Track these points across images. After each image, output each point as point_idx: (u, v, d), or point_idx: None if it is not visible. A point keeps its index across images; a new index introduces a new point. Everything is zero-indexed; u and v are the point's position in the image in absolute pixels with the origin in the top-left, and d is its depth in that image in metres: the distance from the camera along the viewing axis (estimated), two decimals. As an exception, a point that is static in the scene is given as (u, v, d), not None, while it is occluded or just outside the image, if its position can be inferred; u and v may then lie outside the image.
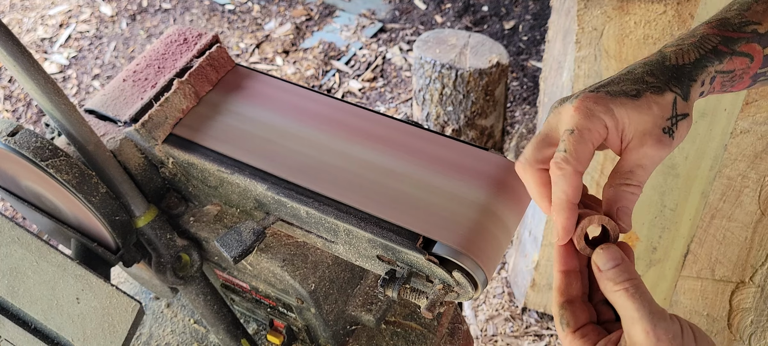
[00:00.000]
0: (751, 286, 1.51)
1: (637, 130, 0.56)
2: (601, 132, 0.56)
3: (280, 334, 1.01)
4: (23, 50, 0.69)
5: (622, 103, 0.56)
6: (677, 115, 0.57)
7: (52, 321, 0.77)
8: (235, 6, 3.34)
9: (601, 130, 0.56)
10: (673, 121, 0.57)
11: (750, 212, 1.40)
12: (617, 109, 0.56)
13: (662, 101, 0.56)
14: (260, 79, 0.91)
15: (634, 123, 0.56)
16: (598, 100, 0.56)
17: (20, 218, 2.34)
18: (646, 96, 0.56)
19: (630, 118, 0.56)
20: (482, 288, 0.74)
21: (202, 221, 0.89)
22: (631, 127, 0.56)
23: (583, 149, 0.56)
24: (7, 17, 3.37)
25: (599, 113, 0.56)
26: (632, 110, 0.56)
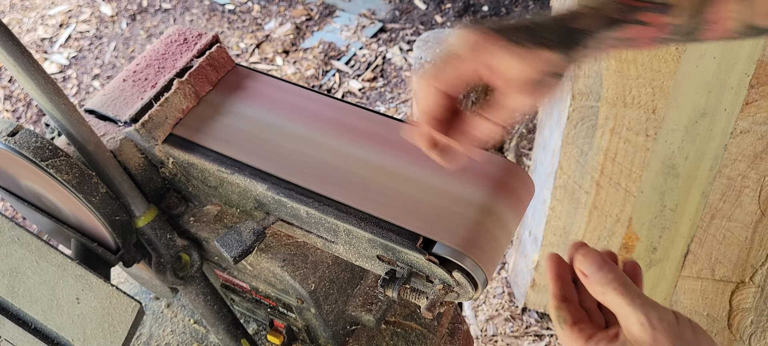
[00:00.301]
0: (751, 286, 1.51)
1: (514, 76, 0.60)
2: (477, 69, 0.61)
3: (280, 334, 1.01)
4: (23, 50, 0.69)
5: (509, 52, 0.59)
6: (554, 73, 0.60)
7: (52, 321, 0.77)
8: (235, 6, 3.34)
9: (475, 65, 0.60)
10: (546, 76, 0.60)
11: (750, 212, 1.40)
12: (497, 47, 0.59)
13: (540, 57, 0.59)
14: (260, 80, 0.91)
15: (513, 70, 0.59)
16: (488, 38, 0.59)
17: (20, 218, 2.34)
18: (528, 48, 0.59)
19: (511, 65, 0.59)
20: (482, 288, 0.74)
21: (202, 221, 0.89)
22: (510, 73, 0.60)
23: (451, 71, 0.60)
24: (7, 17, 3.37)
25: (481, 51, 0.59)
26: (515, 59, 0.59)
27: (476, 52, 0.59)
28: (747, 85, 1.10)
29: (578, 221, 1.67)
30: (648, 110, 1.38)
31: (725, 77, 1.10)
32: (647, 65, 1.32)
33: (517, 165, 0.80)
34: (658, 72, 1.32)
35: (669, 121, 1.18)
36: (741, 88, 1.10)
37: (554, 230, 1.73)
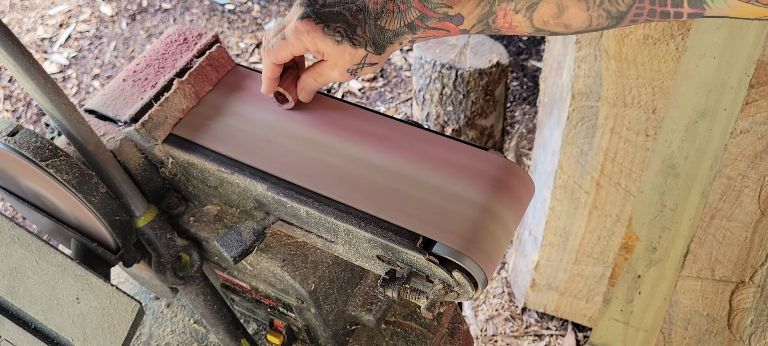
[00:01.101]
0: (751, 286, 1.51)
1: (332, 59, 0.77)
2: (303, 50, 0.78)
3: (280, 334, 1.01)
4: (23, 50, 0.69)
5: (325, 42, 0.75)
6: (365, 64, 0.77)
7: (52, 321, 0.77)
8: (235, 6, 3.34)
9: (302, 48, 0.77)
10: (360, 66, 0.77)
11: (750, 211, 1.40)
12: (321, 42, 0.75)
13: (356, 53, 0.75)
14: (260, 80, 0.91)
15: (330, 56, 0.76)
16: (311, 31, 0.74)
17: (20, 218, 2.34)
18: (345, 45, 0.75)
19: (328, 53, 0.76)
20: (482, 288, 0.74)
21: (202, 221, 0.89)
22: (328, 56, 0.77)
23: (283, 54, 0.78)
24: (7, 17, 3.37)
25: (306, 40, 0.75)
26: (332, 49, 0.75)
27: (302, 40, 0.75)
28: (747, 85, 1.10)
29: (578, 221, 1.67)
30: (648, 110, 1.38)
31: (725, 77, 1.10)
32: (647, 65, 1.32)
33: (517, 165, 0.80)
34: (658, 72, 1.32)
35: (669, 121, 1.18)
36: (741, 88, 1.10)
37: (554, 230, 1.73)
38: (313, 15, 0.75)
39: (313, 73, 0.81)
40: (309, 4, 0.75)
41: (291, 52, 0.78)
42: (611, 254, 1.69)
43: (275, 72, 0.82)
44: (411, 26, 0.73)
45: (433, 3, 0.71)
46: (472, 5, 0.69)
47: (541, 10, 0.66)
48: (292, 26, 0.76)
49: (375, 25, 0.74)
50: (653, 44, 1.28)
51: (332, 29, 0.74)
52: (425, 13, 0.71)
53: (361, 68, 0.77)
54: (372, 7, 0.74)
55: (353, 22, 0.74)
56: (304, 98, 0.85)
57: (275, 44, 0.78)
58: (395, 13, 0.73)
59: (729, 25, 1.06)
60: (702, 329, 1.69)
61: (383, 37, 0.75)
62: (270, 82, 0.83)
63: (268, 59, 0.80)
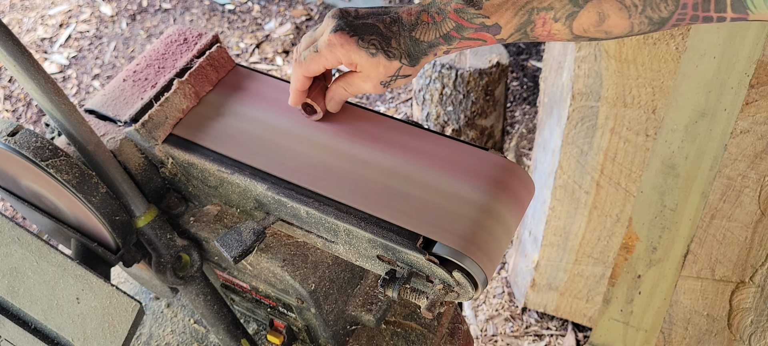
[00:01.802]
0: (751, 286, 1.51)
1: (365, 71, 0.75)
2: (336, 63, 0.76)
3: (280, 334, 1.01)
4: (23, 50, 0.69)
5: (359, 55, 0.74)
6: (398, 76, 0.76)
7: (52, 321, 0.77)
8: (235, 6, 3.34)
9: (335, 61, 0.76)
10: (393, 78, 0.76)
11: (750, 212, 1.40)
12: (355, 55, 0.74)
13: (390, 65, 0.74)
14: (260, 80, 0.92)
15: (364, 68, 0.75)
16: (345, 44, 0.73)
17: (20, 218, 2.34)
18: (379, 57, 0.73)
19: (363, 65, 0.75)
20: (482, 288, 0.74)
21: (202, 221, 0.89)
22: (362, 68, 0.75)
23: (315, 67, 0.77)
24: (7, 17, 3.37)
25: (340, 53, 0.74)
26: (366, 61, 0.74)
27: (336, 53, 0.74)
28: (747, 85, 1.10)
29: (578, 221, 1.67)
30: (648, 110, 1.38)
31: (725, 77, 1.10)
32: (647, 65, 1.32)
33: (517, 165, 0.80)
34: (658, 72, 1.32)
35: (669, 121, 1.18)
36: (741, 88, 1.10)
37: (554, 230, 1.73)
38: (346, 27, 0.73)
39: (344, 84, 0.80)
40: (342, 16, 0.75)
41: (324, 65, 0.77)
42: (611, 254, 1.69)
43: (305, 84, 0.80)
44: (446, 37, 0.72)
45: (469, 13, 0.70)
46: (509, 15, 0.68)
47: (582, 18, 0.66)
48: (325, 39, 0.75)
49: (410, 36, 0.73)
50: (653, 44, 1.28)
51: (367, 42, 0.73)
52: (461, 24, 0.70)
53: (394, 80, 0.76)
54: (406, 18, 0.73)
55: (387, 34, 0.73)
56: (333, 109, 0.83)
57: (307, 57, 0.77)
58: (430, 25, 0.72)
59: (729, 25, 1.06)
60: (702, 329, 1.69)
61: (418, 49, 0.74)
62: (299, 94, 0.82)
63: (299, 71, 0.79)
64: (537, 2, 0.67)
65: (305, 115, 0.85)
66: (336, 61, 0.76)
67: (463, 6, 0.70)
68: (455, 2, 0.70)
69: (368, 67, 0.75)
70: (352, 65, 0.76)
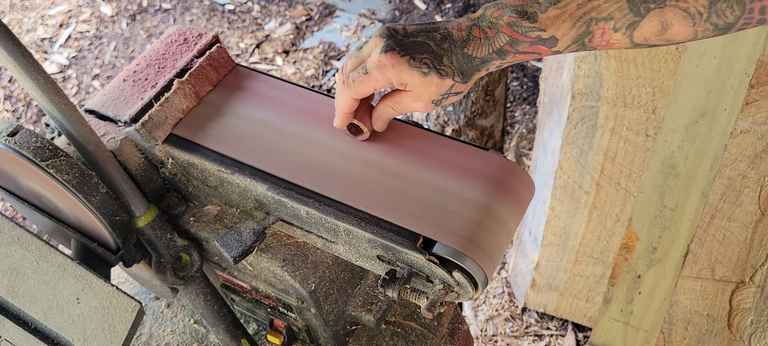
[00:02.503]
0: (751, 286, 1.51)
1: (417, 90, 0.73)
2: (386, 85, 0.74)
3: (281, 334, 1.01)
4: (23, 50, 0.69)
5: (411, 75, 0.71)
6: (450, 93, 0.74)
7: (52, 321, 0.77)
8: (235, 6, 3.34)
9: (386, 82, 0.73)
10: (445, 96, 0.74)
11: (750, 212, 1.40)
12: (407, 75, 0.71)
13: (443, 84, 0.72)
14: (260, 80, 0.92)
15: (416, 87, 0.72)
16: (396, 65, 0.71)
17: (20, 218, 2.34)
18: (432, 76, 0.71)
19: (414, 84, 0.72)
20: (482, 288, 0.74)
21: (203, 221, 0.89)
22: (413, 88, 0.73)
23: (364, 89, 0.74)
24: (7, 17, 3.37)
25: (391, 74, 0.72)
26: (418, 81, 0.71)
27: (386, 74, 0.72)
28: (747, 85, 1.10)
29: (578, 221, 1.67)
30: (648, 110, 1.38)
31: (725, 77, 1.10)
32: (647, 65, 1.32)
33: (517, 165, 0.80)
34: (658, 72, 1.32)
35: (669, 121, 1.18)
36: (741, 88, 1.10)
37: (554, 230, 1.73)
38: (397, 47, 0.71)
39: (392, 103, 0.77)
40: (390, 35, 0.72)
41: (374, 86, 0.74)
42: (611, 254, 1.69)
43: (353, 107, 0.78)
44: (500, 52, 0.70)
45: (523, 27, 0.67)
46: (566, 26, 0.66)
47: (643, 27, 0.64)
48: (375, 60, 0.72)
49: (462, 53, 0.71)
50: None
51: (418, 61, 0.70)
52: (515, 38, 0.68)
53: (446, 98, 0.74)
54: (457, 34, 0.71)
55: (439, 51, 0.71)
56: (379, 128, 0.81)
57: (356, 79, 0.74)
58: (482, 40, 0.70)
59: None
60: (702, 329, 1.69)
61: (471, 65, 0.71)
62: (346, 117, 0.79)
63: (347, 94, 0.76)
64: (595, 12, 0.65)
65: (350, 135, 0.82)
66: (386, 83, 0.73)
67: (517, 19, 0.67)
68: (508, 15, 0.68)
69: (420, 87, 0.72)
70: (402, 86, 0.73)
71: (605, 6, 0.65)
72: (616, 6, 0.64)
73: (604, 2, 0.64)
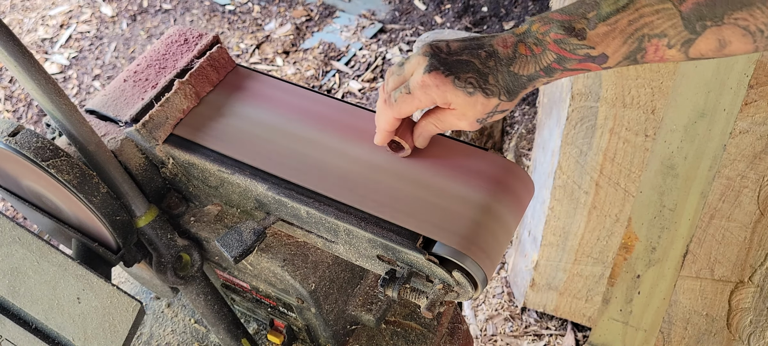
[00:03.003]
0: (750, 286, 1.52)
1: (461, 109, 0.71)
2: (430, 105, 0.72)
3: (281, 334, 1.01)
4: (24, 51, 0.70)
5: (456, 94, 0.69)
6: (496, 111, 0.72)
7: (52, 321, 0.77)
8: (235, 6, 3.34)
9: (430, 103, 0.72)
10: (491, 115, 0.72)
11: (749, 212, 1.41)
12: (452, 95, 0.69)
13: (488, 103, 0.70)
14: (261, 80, 0.92)
15: (460, 106, 0.70)
16: (440, 85, 0.69)
17: (21, 218, 2.34)
18: (477, 96, 0.69)
19: (459, 104, 0.70)
20: (482, 288, 0.74)
21: (203, 221, 0.89)
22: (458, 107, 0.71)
23: (407, 109, 0.73)
24: (8, 18, 3.38)
25: (435, 94, 0.70)
26: (463, 101, 0.70)
27: (430, 95, 0.70)
28: (746, 85, 1.10)
29: (577, 221, 1.67)
30: (647, 110, 1.38)
31: (724, 77, 1.10)
32: (646, 66, 1.32)
33: (517, 165, 0.80)
34: (657, 72, 1.32)
35: (668, 122, 1.18)
36: (740, 89, 1.10)
37: (553, 230, 1.73)
38: (441, 66, 0.69)
39: (435, 120, 0.75)
40: (433, 53, 0.70)
41: (417, 107, 0.72)
42: (610, 254, 1.70)
43: (395, 125, 0.76)
44: (547, 70, 0.67)
45: (571, 44, 0.65)
46: (617, 43, 0.64)
47: (699, 45, 0.62)
48: (418, 80, 0.70)
49: (508, 71, 0.69)
50: (652, 45, 1.28)
51: (463, 81, 0.68)
52: (563, 56, 0.66)
53: (491, 116, 0.72)
54: (502, 51, 0.69)
55: (484, 70, 0.69)
56: (421, 145, 0.79)
57: (399, 99, 0.72)
58: (529, 57, 0.68)
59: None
60: (701, 329, 1.69)
61: (517, 83, 0.69)
62: (387, 135, 0.78)
63: (389, 113, 0.74)
64: (648, 29, 0.63)
65: (391, 152, 0.81)
66: (430, 103, 0.72)
67: (564, 36, 0.65)
68: (554, 32, 0.66)
69: (465, 106, 0.70)
70: (446, 104, 0.71)
71: (658, 22, 0.62)
72: (669, 23, 0.62)
73: (657, 18, 0.62)
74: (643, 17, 0.63)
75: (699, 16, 0.61)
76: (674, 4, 0.61)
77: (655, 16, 0.62)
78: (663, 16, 0.62)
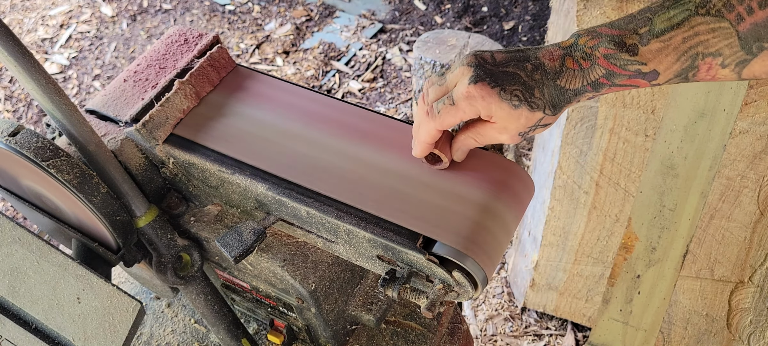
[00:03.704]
0: (750, 286, 1.52)
1: (503, 122, 0.69)
2: (474, 115, 0.70)
3: (281, 334, 1.01)
4: (24, 51, 0.70)
5: (501, 107, 0.67)
6: (539, 125, 0.69)
7: (53, 321, 0.77)
8: (235, 6, 3.34)
9: (474, 114, 0.69)
10: (533, 129, 0.70)
11: (749, 212, 1.41)
12: (496, 107, 0.67)
13: (532, 116, 0.68)
14: (261, 80, 0.92)
15: (503, 119, 0.69)
16: (486, 97, 0.67)
17: (21, 218, 2.34)
18: (522, 109, 0.67)
19: (502, 117, 0.68)
20: (482, 288, 0.74)
21: (203, 220, 0.89)
22: (500, 119, 0.69)
23: (451, 120, 0.71)
24: (8, 18, 3.38)
25: (480, 105, 0.68)
26: (506, 113, 0.68)
27: (475, 106, 0.68)
28: (746, 85, 1.10)
29: (577, 221, 1.67)
30: (647, 110, 1.38)
31: (724, 78, 1.10)
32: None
33: (517, 165, 0.80)
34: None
35: (668, 122, 1.18)
36: (740, 89, 1.10)
37: (553, 230, 1.73)
38: (487, 78, 0.67)
39: (474, 134, 0.73)
40: (479, 64, 0.68)
41: (461, 118, 0.70)
42: (610, 254, 1.70)
43: (437, 137, 0.74)
44: (595, 85, 0.66)
45: (622, 60, 0.63)
46: (670, 60, 0.62)
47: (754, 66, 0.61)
48: (463, 91, 0.68)
49: (554, 85, 0.67)
50: (652, 45, 1.28)
51: (509, 93, 0.67)
52: (613, 71, 0.64)
53: (533, 130, 0.70)
54: (549, 65, 0.67)
55: (530, 83, 0.67)
56: (459, 158, 0.78)
57: (442, 110, 0.70)
58: (576, 72, 0.66)
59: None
60: (701, 329, 1.69)
61: (563, 98, 0.67)
62: (428, 147, 0.76)
63: (432, 125, 0.72)
64: (702, 47, 0.61)
65: (428, 164, 0.79)
66: (474, 114, 0.70)
67: (615, 51, 0.64)
68: (604, 47, 0.64)
69: (507, 120, 0.68)
70: (489, 117, 0.69)
71: (713, 41, 0.61)
72: (725, 42, 0.61)
73: (713, 37, 0.61)
74: (698, 35, 0.61)
75: (756, 37, 0.60)
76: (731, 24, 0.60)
77: (710, 34, 0.61)
78: (719, 35, 0.61)
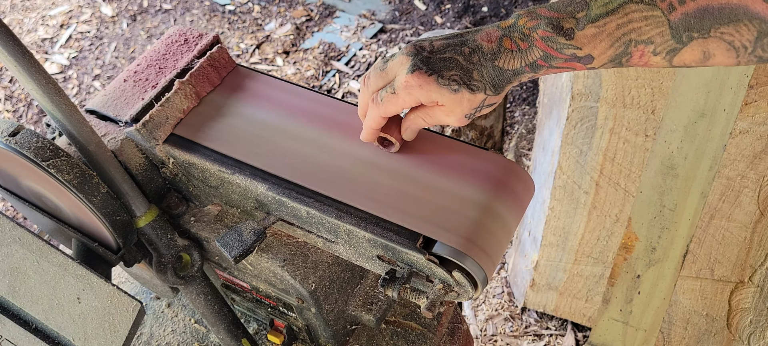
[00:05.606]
0: (750, 286, 1.52)
1: (448, 106, 0.71)
2: (415, 103, 0.72)
3: (281, 334, 1.01)
4: (24, 51, 0.70)
5: (441, 93, 0.69)
6: (483, 106, 0.72)
7: (53, 321, 0.77)
8: (235, 6, 3.34)
9: (414, 102, 0.72)
10: (479, 109, 0.72)
11: (749, 212, 1.41)
12: (436, 94, 0.70)
13: (474, 98, 0.70)
14: (261, 80, 0.92)
15: (446, 103, 0.71)
16: (424, 85, 0.69)
17: (21, 218, 2.34)
18: (462, 92, 0.69)
19: (444, 100, 0.70)
20: (482, 288, 0.74)
21: (203, 221, 0.89)
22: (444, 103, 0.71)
23: (393, 108, 0.74)
24: (8, 18, 3.38)
25: (419, 93, 0.70)
26: (448, 98, 0.70)
27: (414, 95, 0.71)
28: (746, 85, 1.10)
29: (577, 221, 1.67)
30: (647, 111, 1.38)
31: (724, 78, 1.10)
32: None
33: (517, 165, 0.80)
34: (657, 73, 1.32)
35: (668, 122, 1.18)
36: (740, 89, 1.10)
37: (553, 230, 1.73)
38: (423, 66, 0.69)
39: (423, 115, 0.75)
40: (416, 52, 0.70)
41: (402, 106, 0.73)
42: (610, 254, 1.70)
43: (382, 123, 0.77)
44: (533, 66, 0.68)
45: (559, 43, 0.66)
46: (604, 46, 0.65)
47: (684, 55, 0.63)
48: (402, 81, 0.70)
49: (492, 66, 0.69)
50: (652, 45, 1.28)
51: (447, 78, 0.69)
52: (550, 53, 0.66)
53: (479, 111, 0.72)
54: (487, 46, 0.69)
55: (468, 66, 0.69)
56: (409, 137, 0.80)
57: (384, 98, 0.73)
58: (514, 53, 0.68)
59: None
60: (701, 329, 1.69)
61: (502, 78, 0.69)
62: (374, 132, 0.79)
63: (376, 112, 0.75)
64: (635, 34, 0.63)
65: (380, 147, 0.82)
66: (415, 102, 0.72)
67: (552, 34, 0.66)
68: (542, 29, 0.66)
69: (451, 103, 0.70)
70: (432, 103, 0.72)
71: (646, 29, 0.63)
72: (657, 30, 0.62)
73: (645, 25, 0.63)
74: (631, 22, 0.63)
75: (687, 27, 0.62)
76: (663, 13, 0.62)
77: (643, 22, 0.63)
78: (651, 23, 0.63)
